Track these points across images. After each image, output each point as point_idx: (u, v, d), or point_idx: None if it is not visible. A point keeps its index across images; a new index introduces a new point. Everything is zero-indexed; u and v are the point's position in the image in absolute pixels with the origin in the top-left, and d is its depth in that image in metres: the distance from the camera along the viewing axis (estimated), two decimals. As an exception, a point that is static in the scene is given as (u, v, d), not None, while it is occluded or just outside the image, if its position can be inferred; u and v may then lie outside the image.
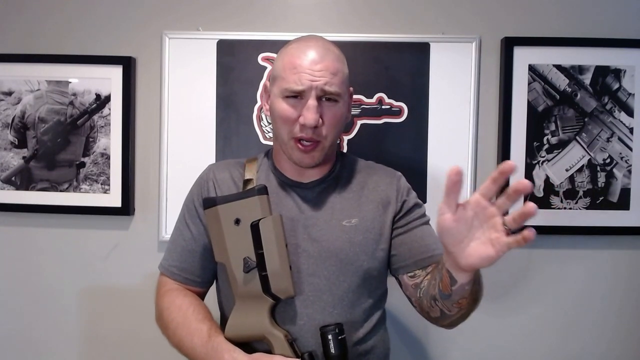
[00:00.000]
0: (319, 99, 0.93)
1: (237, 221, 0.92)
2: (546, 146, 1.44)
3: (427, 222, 1.06)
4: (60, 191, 1.48)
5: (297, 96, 0.94)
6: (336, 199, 1.02)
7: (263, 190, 0.93)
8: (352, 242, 0.98)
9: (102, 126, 1.47)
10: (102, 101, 1.46)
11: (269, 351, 0.90)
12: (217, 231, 0.94)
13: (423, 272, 1.00)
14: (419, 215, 1.05)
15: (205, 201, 0.97)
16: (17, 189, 1.48)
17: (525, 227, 0.67)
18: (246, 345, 0.93)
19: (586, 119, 1.44)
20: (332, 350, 0.89)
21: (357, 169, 1.08)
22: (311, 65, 0.93)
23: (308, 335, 0.94)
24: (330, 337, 0.89)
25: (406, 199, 1.05)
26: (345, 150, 1.44)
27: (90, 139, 1.47)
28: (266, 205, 0.93)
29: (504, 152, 1.43)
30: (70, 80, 1.47)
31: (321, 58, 0.94)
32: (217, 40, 1.43)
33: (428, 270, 1.00)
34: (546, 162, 1.44)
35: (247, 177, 1.02)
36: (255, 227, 0.91)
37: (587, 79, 1.43)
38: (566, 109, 1.44)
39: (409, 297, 1.03)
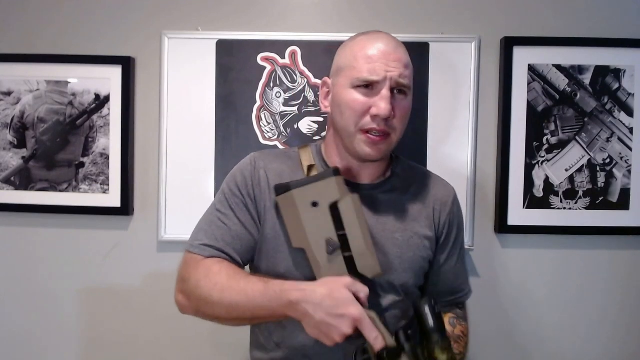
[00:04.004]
0: (391, 90, 0.91)
1: (315, 204, 0.90)
2: (546, 146, 1.44)
3: (463, 255, 1.11)
4: (60, 191, 1.47)
5: (368, 86, 0.92)
6: (390, 210, 1.00)
7: (338, 172, 0.92)
8: (402, 259, 0.98)
9: (102, 126, 1.47)
10: (101, 101, 1.46)
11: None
12: (294, 216, 0.91)
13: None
14: (459, 247, 1.09)
15: (277, 188, 0.93)
16: (16, 189, 1.48)
17: None
18: None
19: (586, 119, 1.44)
20: (431, 324, 0.81)
21: (414, 178, 1.07)
22: (385, 55, 0.91)
23: None
24: (427, 309, 0.82)
25: (451, 227, 1.06)
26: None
27: (90, 139, 1.47)
28: (343, 186, 0.91)
29: (504, 152, 1.43)
30: (69, 80, 1.46)
31: (394, 50, 0.93)
32: (216, 40, 1.43)
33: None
34: (546, 162, 1.44)
35: (309, 162, 1.00)
36: (334, 208, 0.89)
37: (586, 79, 1.43)
38: (566, 109, 1.44)
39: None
